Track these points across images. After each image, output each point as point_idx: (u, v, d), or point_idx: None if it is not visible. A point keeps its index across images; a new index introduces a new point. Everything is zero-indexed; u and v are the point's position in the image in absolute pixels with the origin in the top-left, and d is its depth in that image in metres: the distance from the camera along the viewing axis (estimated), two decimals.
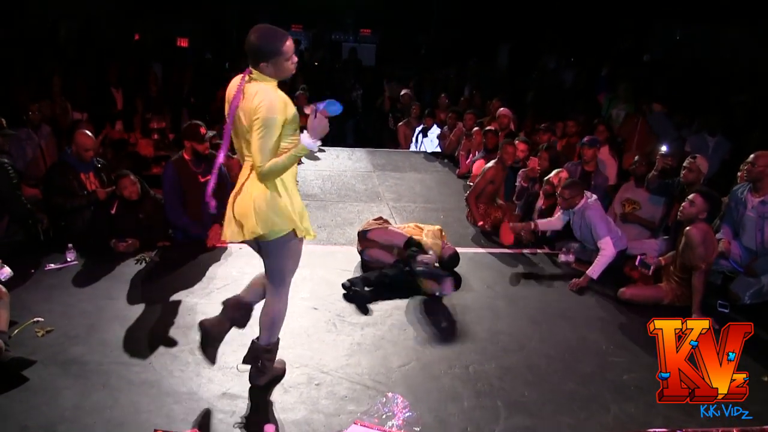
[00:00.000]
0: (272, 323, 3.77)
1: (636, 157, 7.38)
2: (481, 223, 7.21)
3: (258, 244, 3.63)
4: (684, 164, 6.21)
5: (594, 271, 5.74)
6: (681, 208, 5.40)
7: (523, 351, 4.52)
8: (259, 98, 3.26)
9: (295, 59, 3.46)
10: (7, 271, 4.50)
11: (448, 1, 18.04)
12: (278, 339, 3.86)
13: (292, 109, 3.37)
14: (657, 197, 6.51)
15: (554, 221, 6.41)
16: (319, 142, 3.39)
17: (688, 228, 5.26)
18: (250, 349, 3.86)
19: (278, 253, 3.58)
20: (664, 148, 6.86)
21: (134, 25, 14.77)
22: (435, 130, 11.25)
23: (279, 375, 3.99)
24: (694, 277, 5.17)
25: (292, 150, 3.32)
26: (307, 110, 3.38)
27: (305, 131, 3.31)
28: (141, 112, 9.85)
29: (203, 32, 17.41)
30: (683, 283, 5.32)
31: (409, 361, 4.30)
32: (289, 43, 3.36)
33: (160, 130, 9.08)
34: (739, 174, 6.49)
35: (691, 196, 5.33)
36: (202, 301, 5.02)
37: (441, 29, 16.47)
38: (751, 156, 5.72)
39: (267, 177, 3.33)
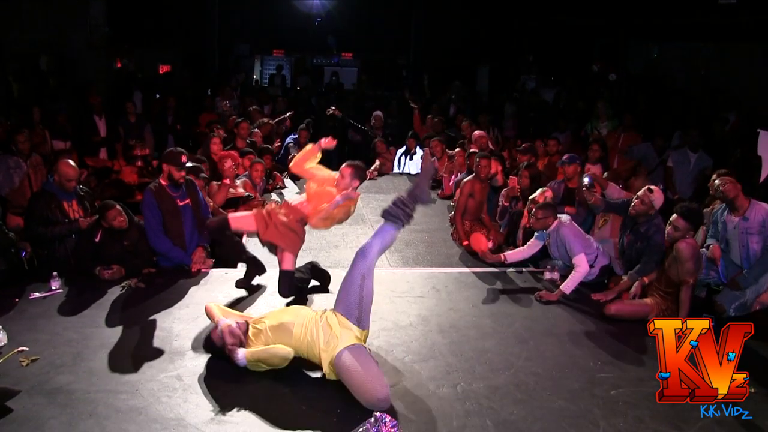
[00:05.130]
0: None
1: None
2: (466, 242, 7.24)
3: None
4: (638, 193, 5.87)
5: (567, 286, 5.78)
6: (666, 233, 5.44)
7: (511, 369, 4.52)
8: None
9: None
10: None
11: (426, 24, 18.25)
12: None
13: None
14: None
15: (525, 250, 6.42)
16: None
17: (677, 243, 5.29)
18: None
19: None
20: (586, 180, 6.63)
21: (116, 53, 14.80)
22: (421, 153, 11.16)
23: None
24: (682, 291, 5.21)
25: None
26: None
27: None
28: (123, 138, 9.84)
29: (185, 59, 17.47)
30: (668, 297, 5.35)
31: (397, 382, 4.29)
32: None
33: (143, 157, 9.06)
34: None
35: (672, 219, 5.35)
36: (187, 326, 4.99)
37: (420, 53, 16.66)
38: (717, 181, 5.83)
39: None
